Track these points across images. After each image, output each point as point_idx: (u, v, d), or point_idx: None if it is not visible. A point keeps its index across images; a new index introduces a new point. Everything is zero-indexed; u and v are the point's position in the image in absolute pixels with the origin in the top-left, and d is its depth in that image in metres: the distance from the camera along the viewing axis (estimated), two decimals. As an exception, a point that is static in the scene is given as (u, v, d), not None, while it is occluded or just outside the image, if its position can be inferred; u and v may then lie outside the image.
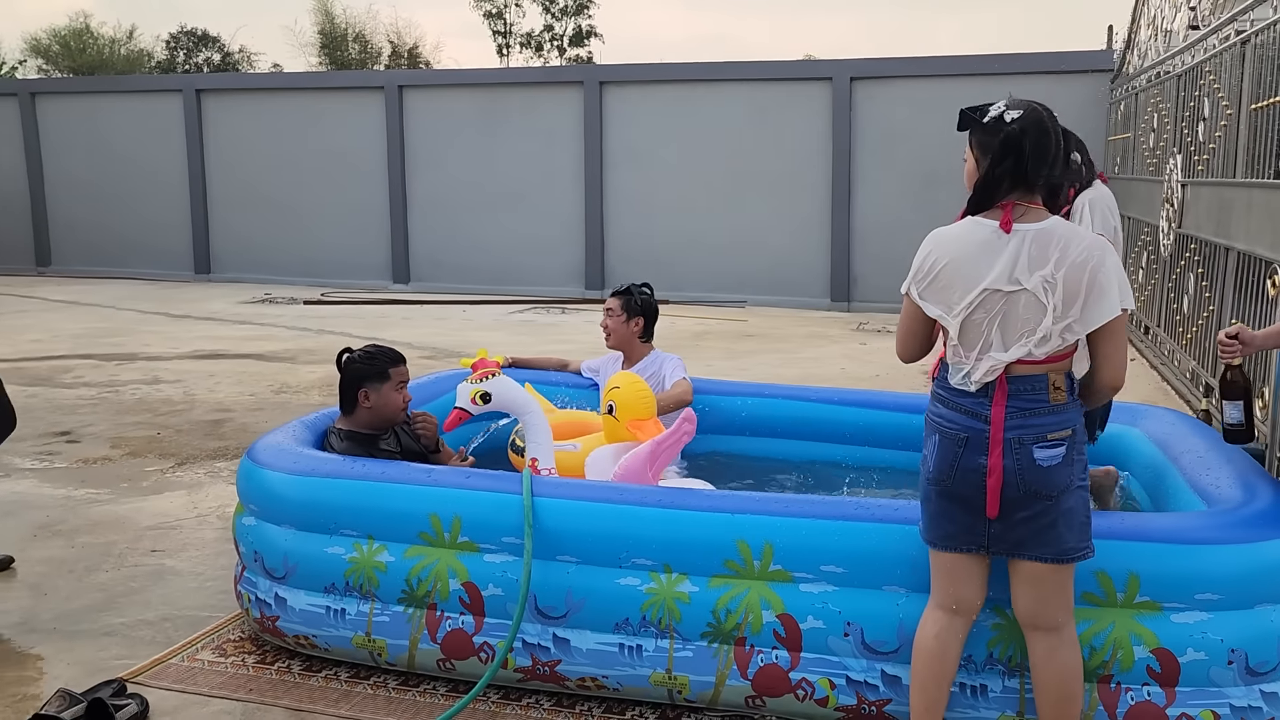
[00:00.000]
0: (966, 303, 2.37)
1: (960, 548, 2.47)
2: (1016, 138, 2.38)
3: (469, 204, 14.42)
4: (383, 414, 3.66)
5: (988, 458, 2.36)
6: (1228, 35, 6.30)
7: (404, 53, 41.47)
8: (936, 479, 2.45)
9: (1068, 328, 2.35)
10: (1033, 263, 2.33)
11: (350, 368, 3.66)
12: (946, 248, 2.43)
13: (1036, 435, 2.36)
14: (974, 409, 2.40)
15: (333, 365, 3.78)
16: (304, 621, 3.20)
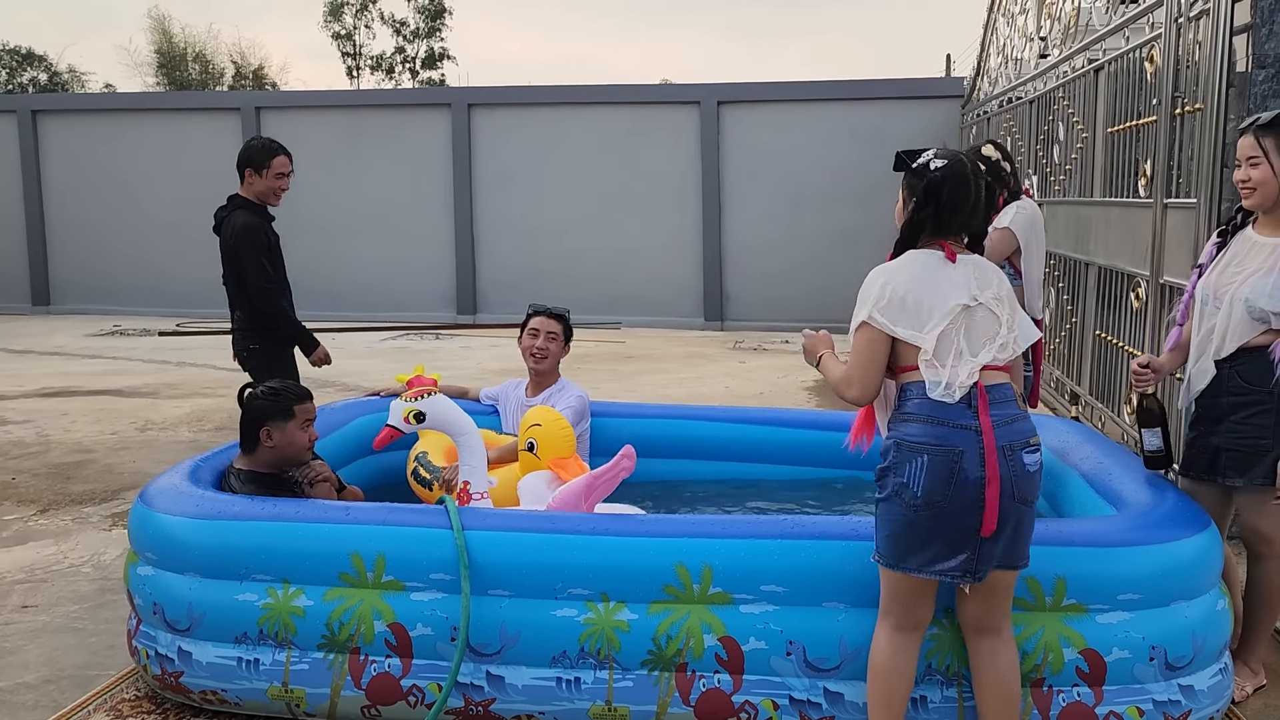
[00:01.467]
0: (941, 318, 2.47)
1: (944, 574, 2.45)
2: (937, 185, 2.53)
3: (334, 229, 14.01)
4: (286, 453, 3.48)
5: (985, 469, 2.39)
6: (1081, 63, 6.69)
7: (248, 74, 40.12)
8: (928, 502, 2.40)
9: (1015, 340, 2.52)
10: (981, 284, 2.53)
11: (252, 405, 3.47)
12: (903, 276, 2.52)
13: (1023, 441, 2.45)
14: (961, 421, 2.42)
15: (201, 399, 3.59)
16: (212, 675, 2.99)
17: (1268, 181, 2.94)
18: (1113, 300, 5.99)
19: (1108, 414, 6.01)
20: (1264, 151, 2.93)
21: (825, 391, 4.93)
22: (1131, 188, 5.59)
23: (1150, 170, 5.18)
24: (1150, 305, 5.10)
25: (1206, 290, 3.07)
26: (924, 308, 2.48)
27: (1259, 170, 2.94)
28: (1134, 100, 5.62)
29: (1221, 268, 3.06)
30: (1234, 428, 2.98)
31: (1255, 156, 2.94)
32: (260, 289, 4.70)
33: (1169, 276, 4.88)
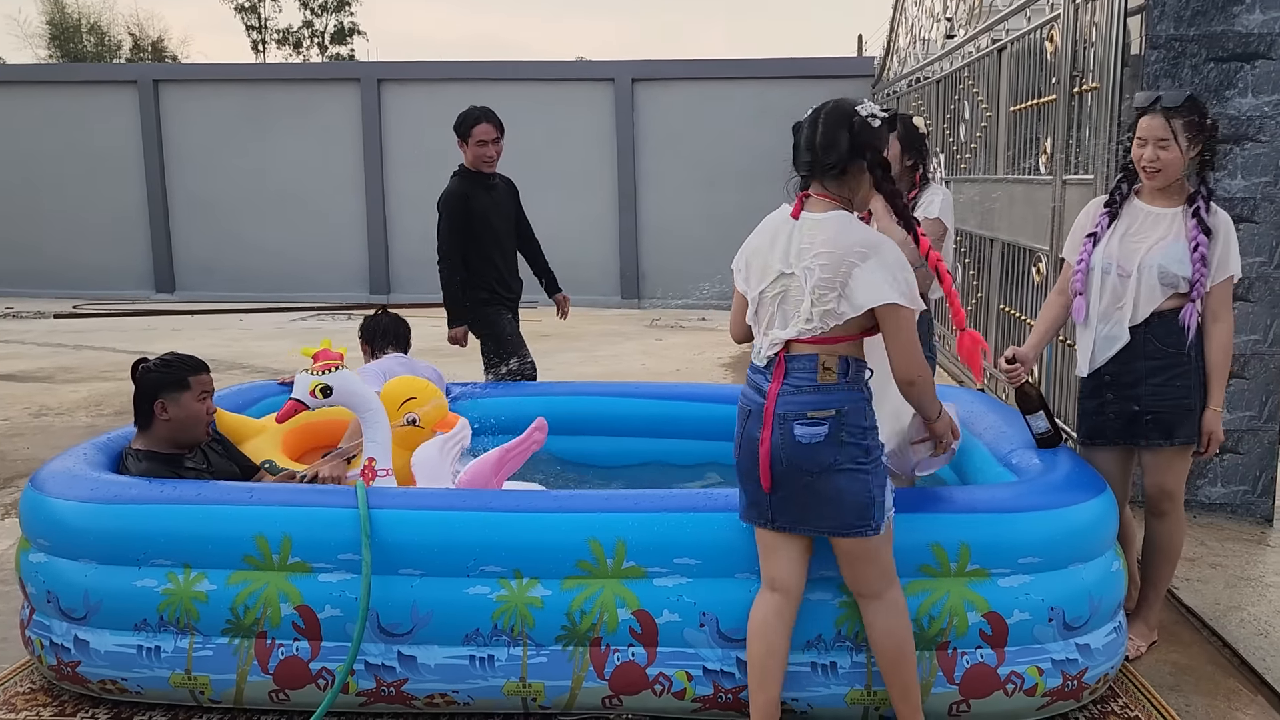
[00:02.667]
0: (762, 283, 2.54)
1: (755, 521, 2.61)
2: (795, 132, 2.55)
3: (240, 207, 13.62)
4: (184, 427, 3.34)
5: (761, 431, 2.48)
6: (985, 44, 6.83)
7: (147, 46, 38.66)
8: (734, 452, 2.59)
9: (827, 313, 2.43)
10: (801, 251, 2.47)
11: (146, 378, 3.33)
12: (757, 233, 2.60)
13: (799, 413, 2.45)
14: (759, 385, 2.53)
15: (100, 383, 3.45)
16: (111, 664, 2.89)
17: (1175, 163, 3.01)
18: (1016, 275, 6.16)
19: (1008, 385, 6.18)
20: (1173, 133, 2.98)
21: (739, 368, 4.98)
22: (1033, 165, 5.74)
23: (1050, 148, 5.32)
24: (1050, 279, 5.25)
25: (1109, 259, 3.12)
26: (754, 268, 2.58)
27: (1168, 153, 3.00)
28: (1035, 80, 5.76)
29: (1119, 238, 3.12)
30: (1155, 390, 3.07)
31: (1165, 139, 2.99)
32: (440, 254, 4.96)
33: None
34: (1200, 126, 3.02)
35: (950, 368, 7.96)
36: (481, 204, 4.95)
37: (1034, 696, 2.77)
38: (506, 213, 5.10)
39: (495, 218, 5.00)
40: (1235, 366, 4.44)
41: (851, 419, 2.46)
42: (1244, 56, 4.41)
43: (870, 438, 2.50)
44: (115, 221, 13.77)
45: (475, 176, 4.97)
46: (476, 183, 4.97)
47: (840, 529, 2.50)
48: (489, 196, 4.99)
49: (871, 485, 2.49)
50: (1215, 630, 3.44)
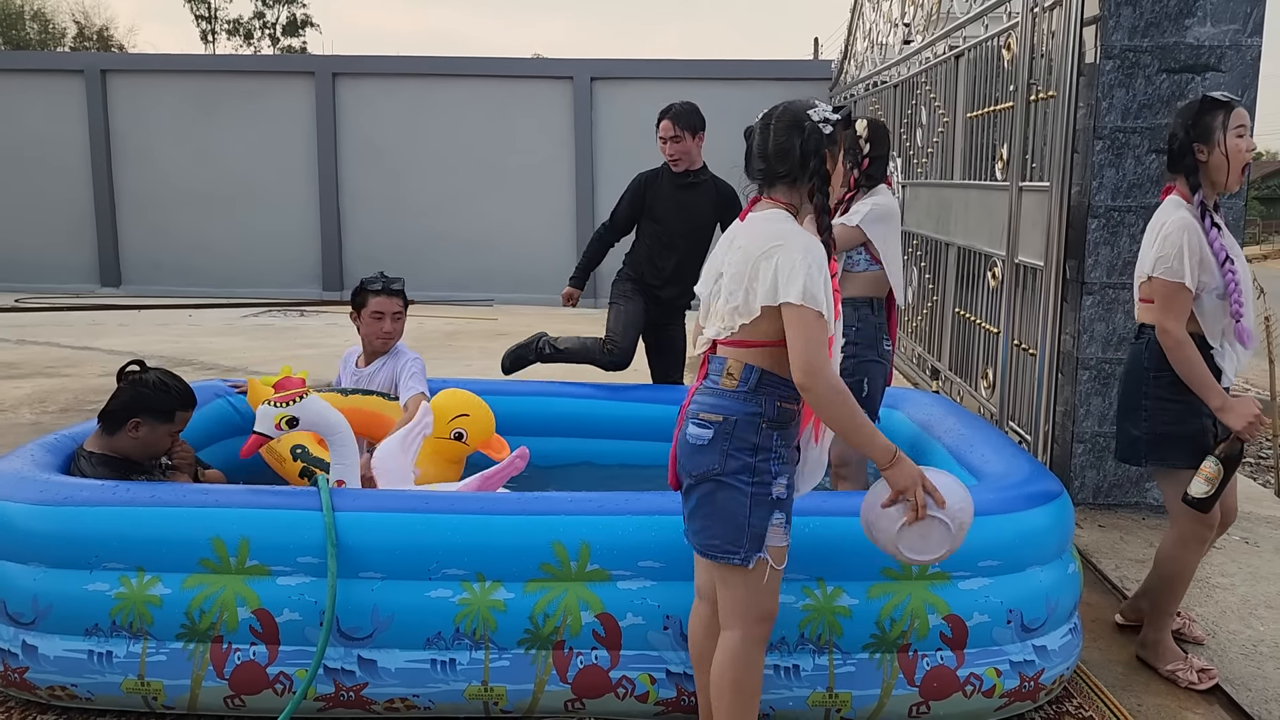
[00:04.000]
0: (706, 285, 2.45)
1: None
2: (747, 138, 2.46)
3: (189, 200, 13.39)
4: (146, 451, 3.32)
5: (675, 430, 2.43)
6: (942, 50, 6.91)
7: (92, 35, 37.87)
8: None
9: (735, 310, 2.31)
10: (729, 252, 2.38)
11: (135, 389, 3.26)
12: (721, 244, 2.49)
13: (694, 413, 2.36)
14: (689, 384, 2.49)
15: (44, 379, 3.38)
16: (60, 670, 2.82)
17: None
18: (971, 279, 6.24)
19: (966, 388, 6.27)
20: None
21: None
22: (989, 171, 5.81)
23: (1006, 154, 5.40)
24: (1005, 283, 5.32)
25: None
26: (706, 273, 2.47)
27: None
28: (992, 86, 5.84)
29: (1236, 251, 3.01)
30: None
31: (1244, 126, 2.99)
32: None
33: (1023, 256, 5.10)
34: None
35: (906, 370, 8.05)
36: (661, 195, 4.87)
37: (992, 698, 2.80)
38: (694, 215, 4.91)
39: (671, 213, 4.87)
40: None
41: (740, 431, 2.28)
42: (1195, 68, 4.51)
43: (761, 458, 2.28)
44: (60, 214, 13.46)
45: (665, 170, 4.93)
46: (667, 174, 4.91)
47: (707, 548, 2.35)
48: (676, 192, 4.87)
49: (750, 511, 2.28)
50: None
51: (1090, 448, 4.75)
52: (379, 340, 4.10)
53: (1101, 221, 4.58)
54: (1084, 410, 4.71)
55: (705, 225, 4.93)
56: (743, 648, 2.36)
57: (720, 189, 4.94)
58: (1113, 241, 4.60)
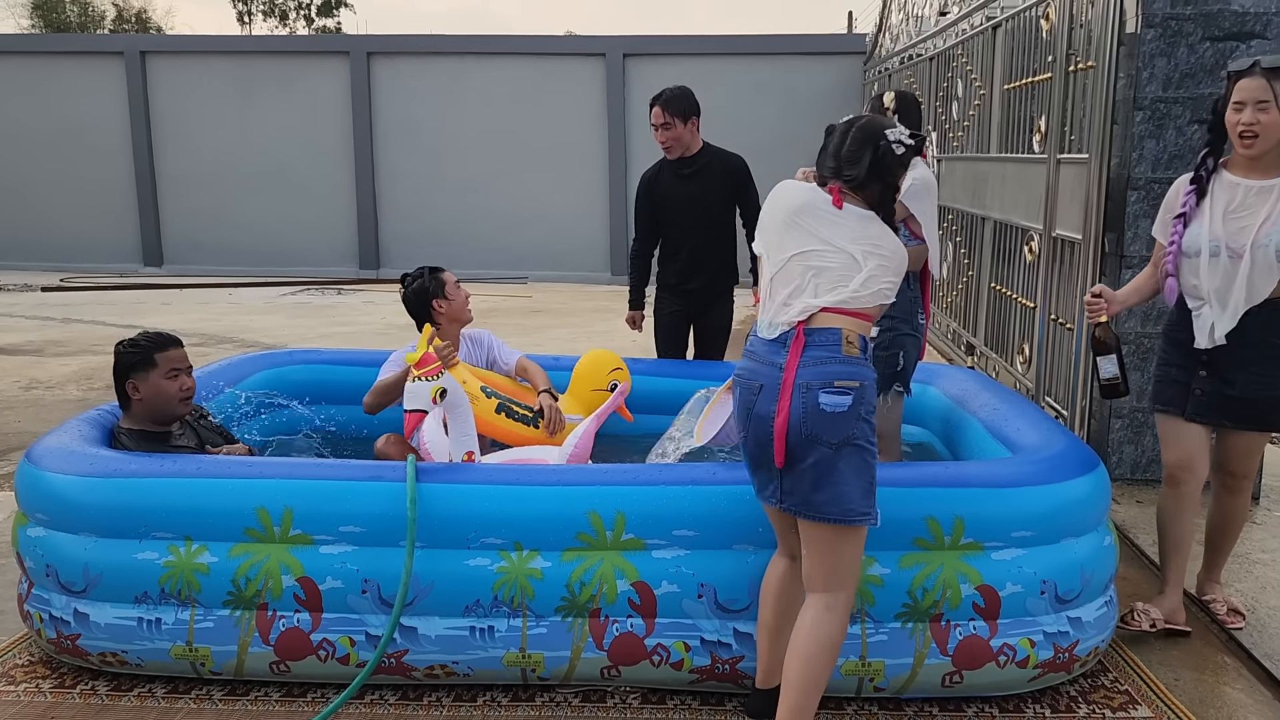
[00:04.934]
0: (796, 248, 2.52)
1: (767, 502, 2.57)
2: (827, 134, 2.65)
3: (228, 180, 13.54)
4: (155, 406, 3.31)
5: (777, 402, 2.43)
6: (979, 21, 6.83)
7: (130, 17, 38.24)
8: (741, 430, 2.57)
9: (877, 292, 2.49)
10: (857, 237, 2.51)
11: (117, 359, 3.32)
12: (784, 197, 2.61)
13: (824, 381, 2.40)
14: (768, 357, 2.49)
15: (90, 356, 3.46)
16: (111, 636, 2.91)
17: (1275, 126, 2.87)
18: (1007, 254, 6.19)
19: (1001, 363, 6.23)
20: (1275, 96, 2.86)
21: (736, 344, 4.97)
22: (1026, 143, 5.75)
23: (1044, 126, 5.34)
24: (1043, 258, 5.28)
25: (1215, 240, 2.99)
26: (771, 244, 2.56)
27: (1268, 115, 2.87)
28: (1030, 58, 5.76)
29: (1220, 216, 3.00)
30: (1254, 379, 3.03)
31: (1265, 101, 2.86)
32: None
33: (1061, 230, 5.05)
34: None
35: (941, 345, 8.01)
36: (666, 190, 4.81)
37: (1026, 668, 2.81)
38: (703, 199, 4.76)
39: (680, 205, 4.78)
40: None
41: (868, 395, 2.44)
42: (1239, 35, 4.43)
43: (873, 420, 2.48)
44: (103, 194, 13.68)
45: (664, 162, 4.84)
46: (666, 167, 4.83)
47: (842, 514, 2.42)
48: (680, 183, 4.78)
49: (874, 470, 2.47)
50: (1204, 606, 3.49)
51: (1128, 423, 4.71)
52: (469, 311, 4.20)
53: (1141, 194, 4.52)
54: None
55: (717, 206, 4.78)
56: (846, 610, 2.52)
57: (726, 165, 4.78)
58: (1153, 214, 4.51)
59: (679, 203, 4.78)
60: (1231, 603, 3.43)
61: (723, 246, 4.84)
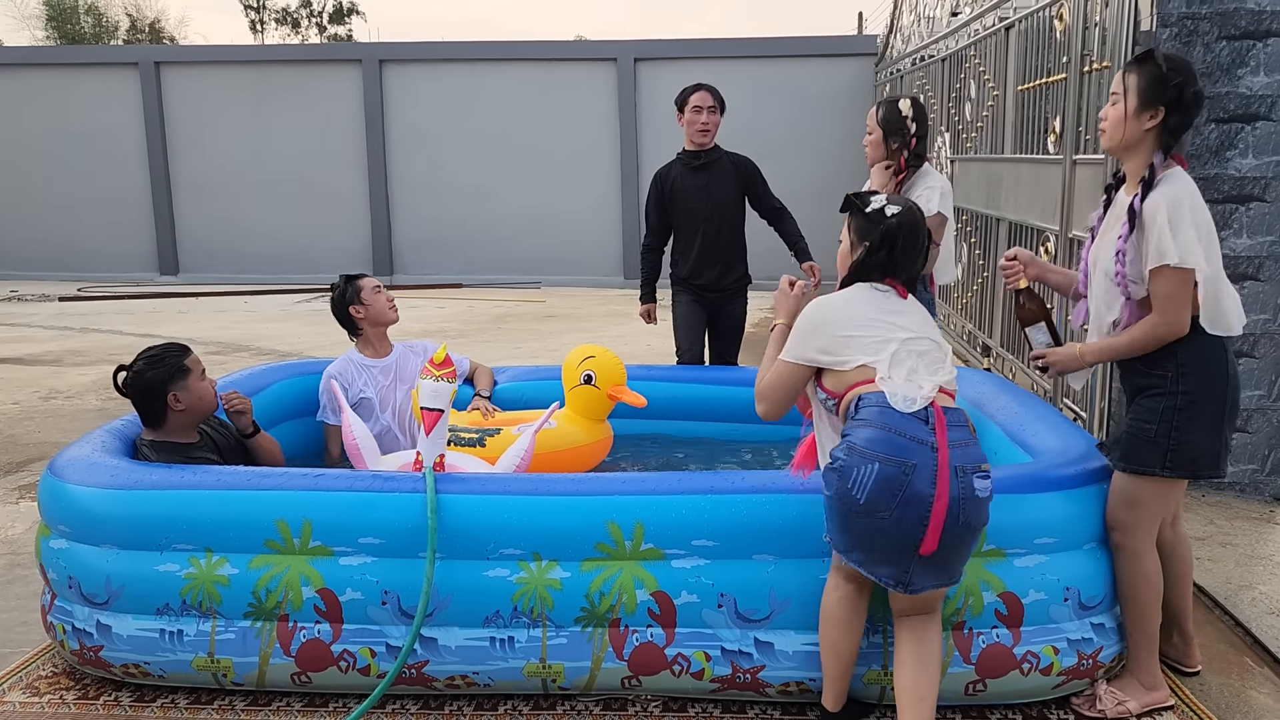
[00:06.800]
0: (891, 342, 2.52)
1: (879, 578, 2.43)
2: (893, 232, 2.60)
3: (242, 189, 13.61)
4: (199, 408, 3.40)
5: (935, 486, 2.32)
6: (991, 22, 6.80)
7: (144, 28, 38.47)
8: (869, 510, 2.35)
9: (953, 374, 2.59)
10: (925, 323, 2.64)
11: (143, 380, 3.33)
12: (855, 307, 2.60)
13: (975, 465, 2.38)
14: (918, 435, 2.36)
15: (108, 365, 3.47)
16: (133, 648, 2.92)
17: (1118, 122, 2.69)
18: (1024, 255, 6.14)
19: (1018, 365, 6.20)
20: (1125, 89, 2.67)
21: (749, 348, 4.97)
22: (1041, 144, 5.72)
23: (1059, 127, 5.31)
24: (1059, 259, 5.25)
25: (1094, 257, 2.81)
26: (874, 336, 2.53)
27: (1115, 109, 2.70)
28: (1043, 58, 5.74)
29: (1100, 236, 2.83)
30: (1133, 411, 2.77)
31: (1116, 94, 2.70)
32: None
33: (1078, 231, 5.03)
34: (1161, 84, 2.61)
35: (956, 347, 7.98)
36: (680, 184, 4.88)
37: (1049, 676, 2.79)
38: (715, 192, 4.85)
39: (693, 197, 4.85)
40: (1244, 345, 4.45)
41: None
42: (1256, 34, 4.40)
43: None
44: (118, 204, 13.76)
45: (685, 155, 4.92)
46: (684, 160, 4.91)
47: (957, 578, 2.51)
48: (693, 175, 4.87)
49: None
50: (1228, 609, 3.47)
51: (1148, 424, 4.67)
52: (391, 310, 4.21)
53: (1158, 194, 4.49)
54: (1141, 386, 4.63)
55: (729, 200, 4.90)
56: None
57: (736, 163, 4.93)
58: (1170, 214, 4.50)
59: (691, 192, 4.86)
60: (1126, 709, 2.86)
61: (734, 239, 4.92)
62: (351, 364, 4.16)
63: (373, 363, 4.17)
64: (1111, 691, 2.85)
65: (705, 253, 4.86)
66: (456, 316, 10.44)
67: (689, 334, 4.97)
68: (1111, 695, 2.84)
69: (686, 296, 4.98)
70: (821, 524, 2.71)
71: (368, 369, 4.16)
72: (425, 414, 3.13)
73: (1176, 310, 2.61)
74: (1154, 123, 2.65)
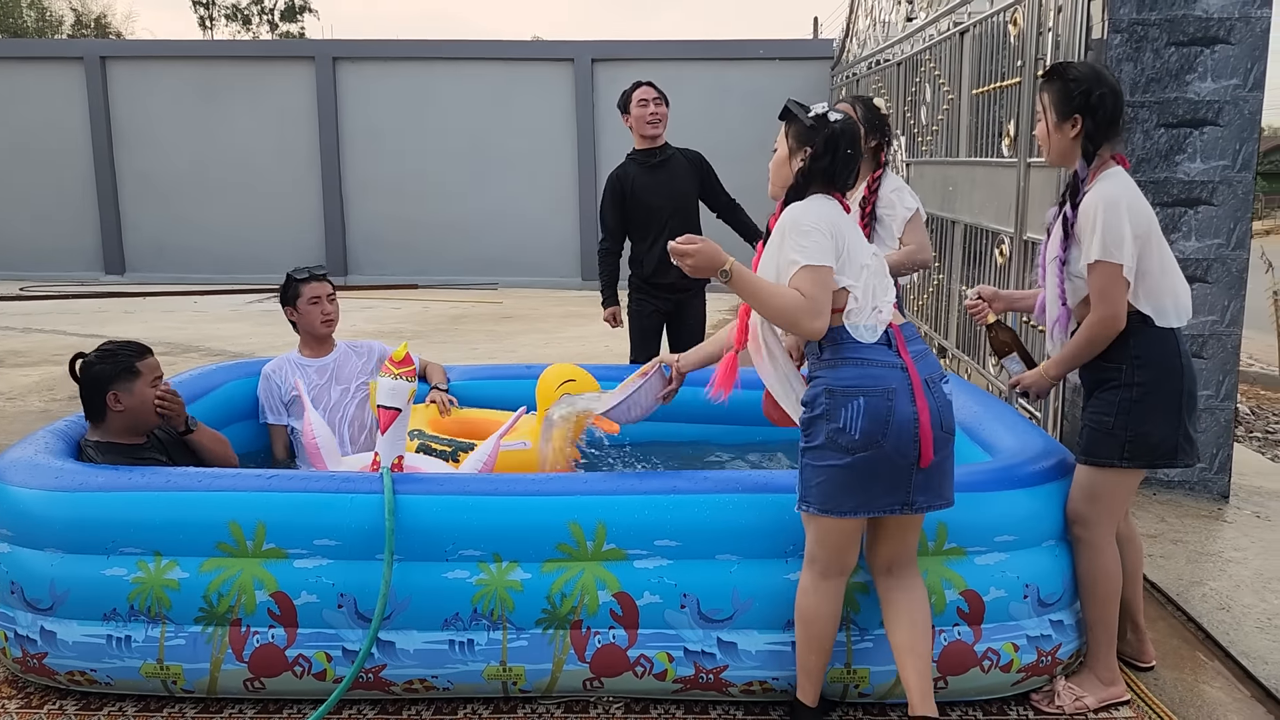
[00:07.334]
0: (861, 264, 2.53)
1: (882, 509, 2.49)
2: (836, 137, 2.56)
3: (192, 187, 13.37)
4: (139, 416, 3.30)
5: (915, 403, 2.44)
6: (946, 26, 6.87)
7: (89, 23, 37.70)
8: (866, 443, 2.42)
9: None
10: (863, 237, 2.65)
11: (90, 372, 3.25)
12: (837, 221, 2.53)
13: (939, 373, 2.54)
14: (887, 360, 2.47)
15: (52, 366, 3.37)
16: (79, 655, 2.83)
17: (1044, 137, 2.81)
18: (977, 256, 6.22)
19: (974, 366, 6.26)
20: (1042, 107, 2.80)
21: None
22: (996, 148, 5.78)
23: (1013, 131, 5.37)
24: (1015, 260, 5.31)
25: (1050, 255, 2.88)
26: (854, 258, 2.52)
27: (1040, 126, 2.82)
28: (998, 62, 5.80)
29: (1054, 232, 2.88)
30: (1090, 404, 2.83)
31: (1038, 111, 2.82)
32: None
33: (1032, 233, 5.09)
34: (1068, 95, 2.72)
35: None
36: (637, 184, 4.86)
37: (1009, 673, 2.81)
38: (673, 188, 4.87)
39: (651, 195, 4.85)
40: (1194, 346, 4.52)
41: None
42: (1204, 41, 4.48)
43: None
44: (63, 202, 13.45)
45: (636, 155, 4.91)
46: (636, 160, 4.90)
47: (950, 498, 2.58)
48: (649, 174, 4.87)
49: None
50: (1179, 605, 3.52)
51: (1100, 424, 4.73)
52: (324, 325, 4.10)
53: (1111, 197, 4.56)
54: (1094, 386, 4.69)
55: (686, 195, 4.93)
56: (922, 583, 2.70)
57: (689, 157, 4.97)
58: (1122, 217, 4.57)
59: (652, 189, 4.87)
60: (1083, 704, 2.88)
61: (695, 233, 4.87)
62: (289, 362, 4.14)
63: (309, 362, 4.14)
64: (1069, 688, 2.88)
65: (665, 253, 4.84)
66: (412, 317, 10.33)
67: (642, 347, 5.00)
68: (1070, 691, 2.87)
69: (647, 304, 4.96)
70: (785, 524, 2.72)
71: (303, 367, 4.13)
72: (382, 411, 3.08)
73: (1111, 304, 2.68)
74: (1076, 130, 2.76)
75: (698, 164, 4.98)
